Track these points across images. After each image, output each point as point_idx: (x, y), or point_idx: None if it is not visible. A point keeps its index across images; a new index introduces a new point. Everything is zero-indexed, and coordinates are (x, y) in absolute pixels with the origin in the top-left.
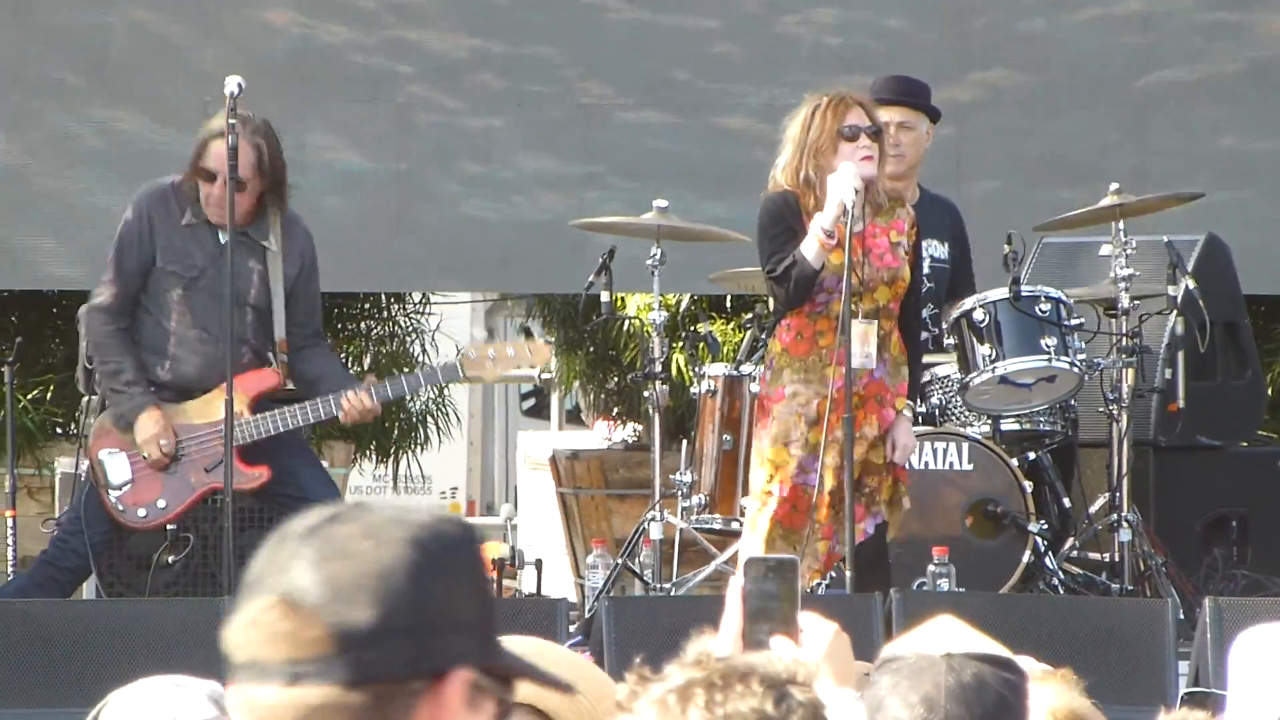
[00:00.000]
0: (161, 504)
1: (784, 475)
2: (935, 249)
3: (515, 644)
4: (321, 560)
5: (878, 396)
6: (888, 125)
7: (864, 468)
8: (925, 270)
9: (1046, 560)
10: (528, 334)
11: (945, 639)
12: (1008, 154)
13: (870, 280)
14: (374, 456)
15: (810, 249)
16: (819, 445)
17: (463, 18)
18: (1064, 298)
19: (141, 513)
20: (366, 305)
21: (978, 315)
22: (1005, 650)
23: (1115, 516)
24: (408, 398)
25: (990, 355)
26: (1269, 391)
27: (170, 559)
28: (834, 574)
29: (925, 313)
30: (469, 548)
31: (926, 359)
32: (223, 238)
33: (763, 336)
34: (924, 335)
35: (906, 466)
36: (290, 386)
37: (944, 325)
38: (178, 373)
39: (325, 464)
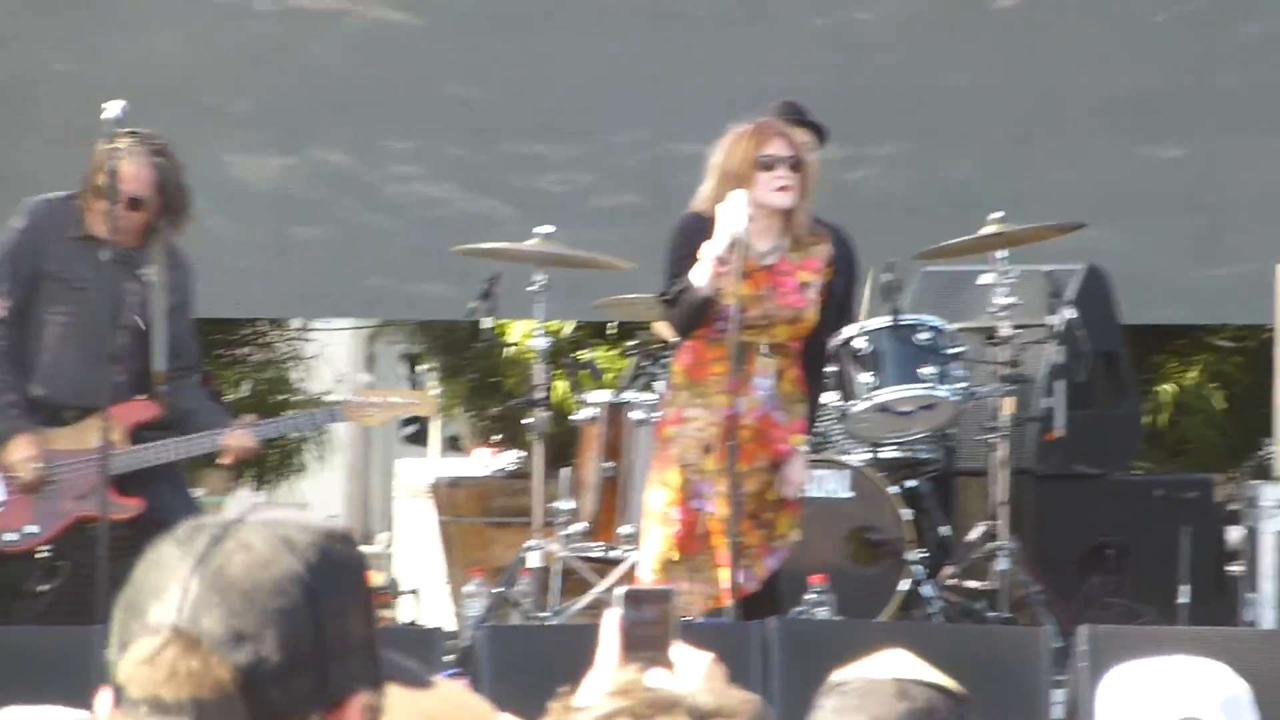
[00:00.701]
0: (31, 529)
1: (679, 498)
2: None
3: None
4: (216, 591)
5: (768, 432)
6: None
7: (760, 503)
8: None
9: (925, 588)
10: (410, 364)
11: (894, 668)
12: (890, 184)
13: (771, 316)
14: (252, 483)
15: (701, 276)
16: (713, 472)
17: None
18: (944, 326)
19: (10, 536)
20: (246, 331)
21: (858, 343)
22: (955, 684)
23: (993, 545)
24: (287, 437)
25: (870, 383)
26: (1146, 421)
27: (41, 587)
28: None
29: None
30: (358, 563)
31: None
32: (104, 255)
33: (646, 364)
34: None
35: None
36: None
37: None
38: (53, 389)
39: (203, 491)
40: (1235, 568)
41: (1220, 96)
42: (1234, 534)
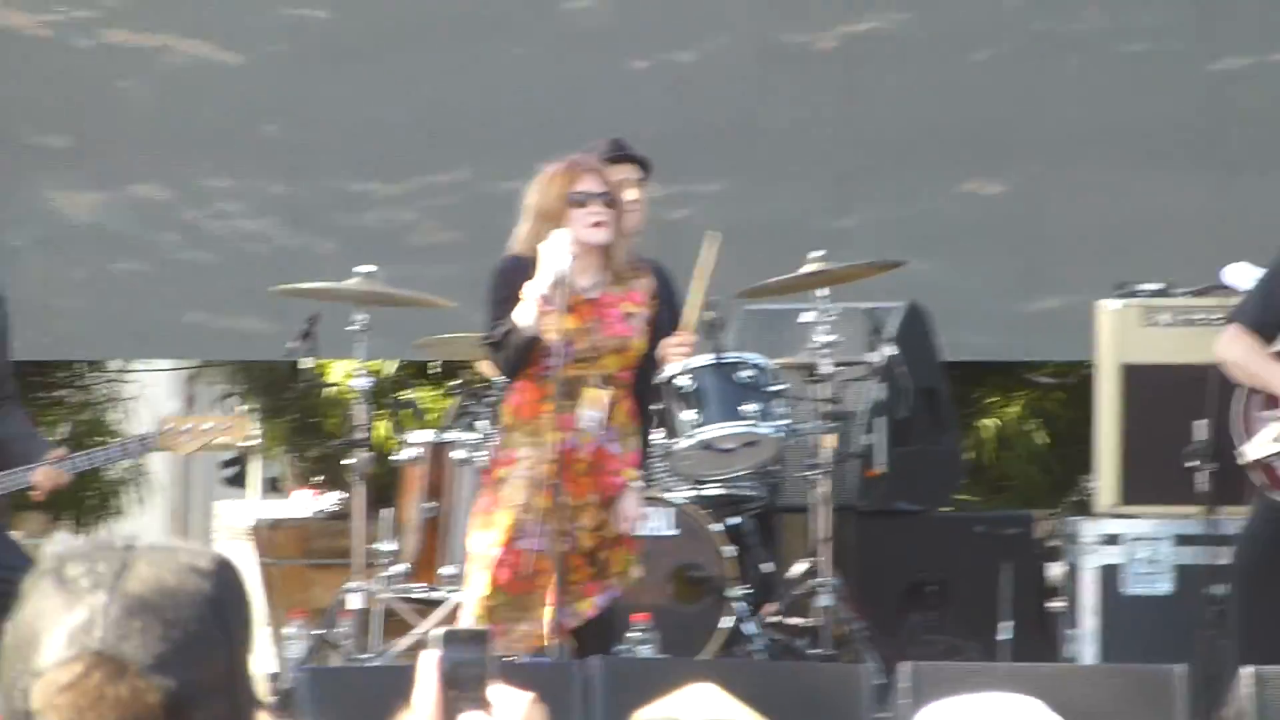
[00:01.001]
0: None
1: (507, 539)
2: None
3: None
4: (135, 615)
5: (602, 465)
6: (625, 181)
7: (597, 540)
8: None
9: (747, 626)
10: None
11: (701, 705)
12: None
13: (599, 348)
14: (71, 525)
15: (526, 316)
16: (544, 510)
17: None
18: (766, 364)
19: None
20: (63, 374)
21: (681, 381)
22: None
23: (815, 581)
24: (102, 470)
25: (693, 421)
26: (968, 457)
27: None
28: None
29: None
30: (244, 585)
31: None
32: None
33: (468, 403)
34: None
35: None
36: None
37: None
38: None
39: (20, 534)
40: (1056, 604)
41: (1039, 133)
42: (1054, 570)
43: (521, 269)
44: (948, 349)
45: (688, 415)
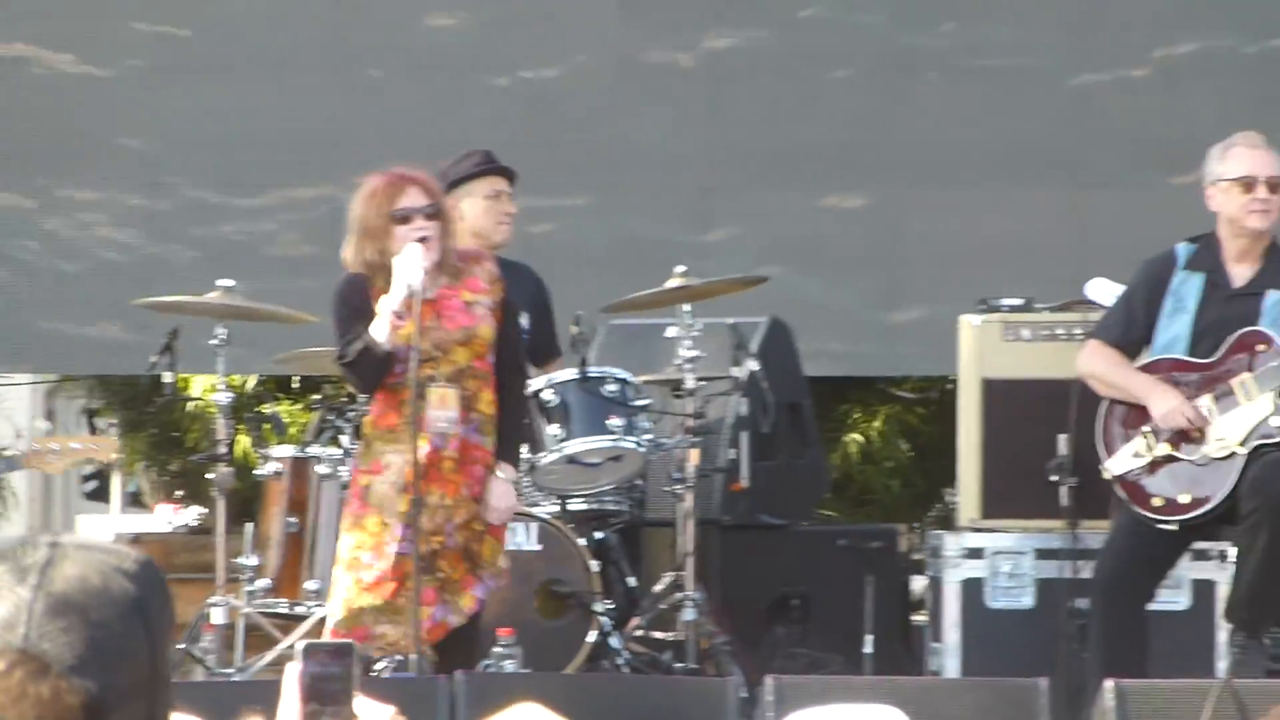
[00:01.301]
0: None
1: (377, 544)
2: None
3: None
4: (59, 614)
5: (470, 457)
6: (501, 194)
7: (469, 533)
8: None
9: (612, 640)
10: (90, 417)
11: None
12: (576, 237)
13: (444, 342)
14: None
15: (380, 332)
16: (407, 515)
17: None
18: (631, 379)
19: None
20: None
21: (546, 395)
22: None
23: (680, 595)
24: None
25: (558, 435)
26: (831, 472)
27: None
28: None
29: None
30: (166, 587)
31: None
32: None
33: (330, 417)
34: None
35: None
36: None
37: None
38: None
39: None
40: (918, 617)
41: (900, 149)
42: (917, 584)
43: (360, 285)
44: (811, 364)
45: (553, 430)
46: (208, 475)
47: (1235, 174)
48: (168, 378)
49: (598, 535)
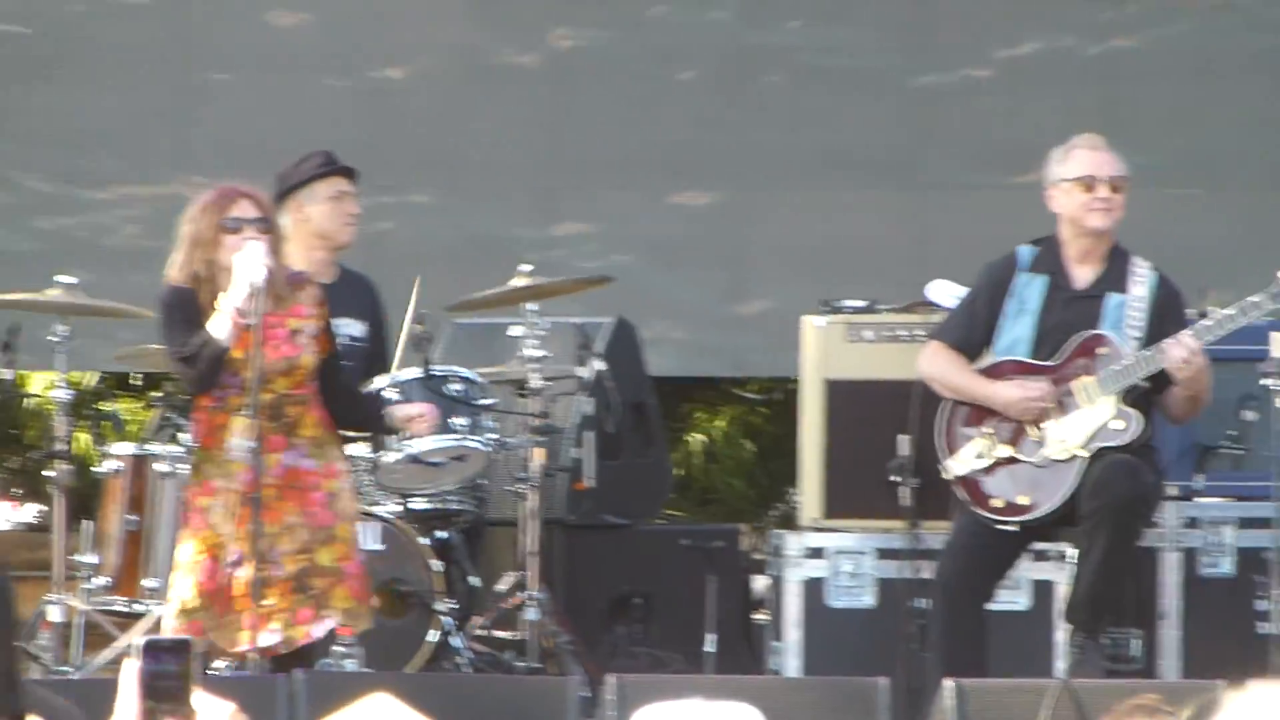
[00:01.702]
0: None
1: (209, 560)
2: (352, 327)
3: None
4: None
5: (295, 484)
6: (345, 194)
7: (308, 565)
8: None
9: (454, 639)
10: None
11: (379, 716)
12: (420, 235)
13: (266, 372)
14: None
15: (222, 329)
16: (237, 538)
17: None
18: (475, 378)
19: None
20: None
21: (390, 395)
22: None
23: (522, 595)
24: None
25: (402, 434)
26: (675, 471)
27: None
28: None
29: None
30: (10, 587)
31: None
32: None
33: (171, 415)
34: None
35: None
36: None
37: None
38: None
39: None
40: (761, 616)
41: (745, 149)
42: (760, 583)
43: (185, 296)
44: (654, 364)
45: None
46: (46, 472)
47: (1075, 174)
48: (6, 374)
49: (440, 535)
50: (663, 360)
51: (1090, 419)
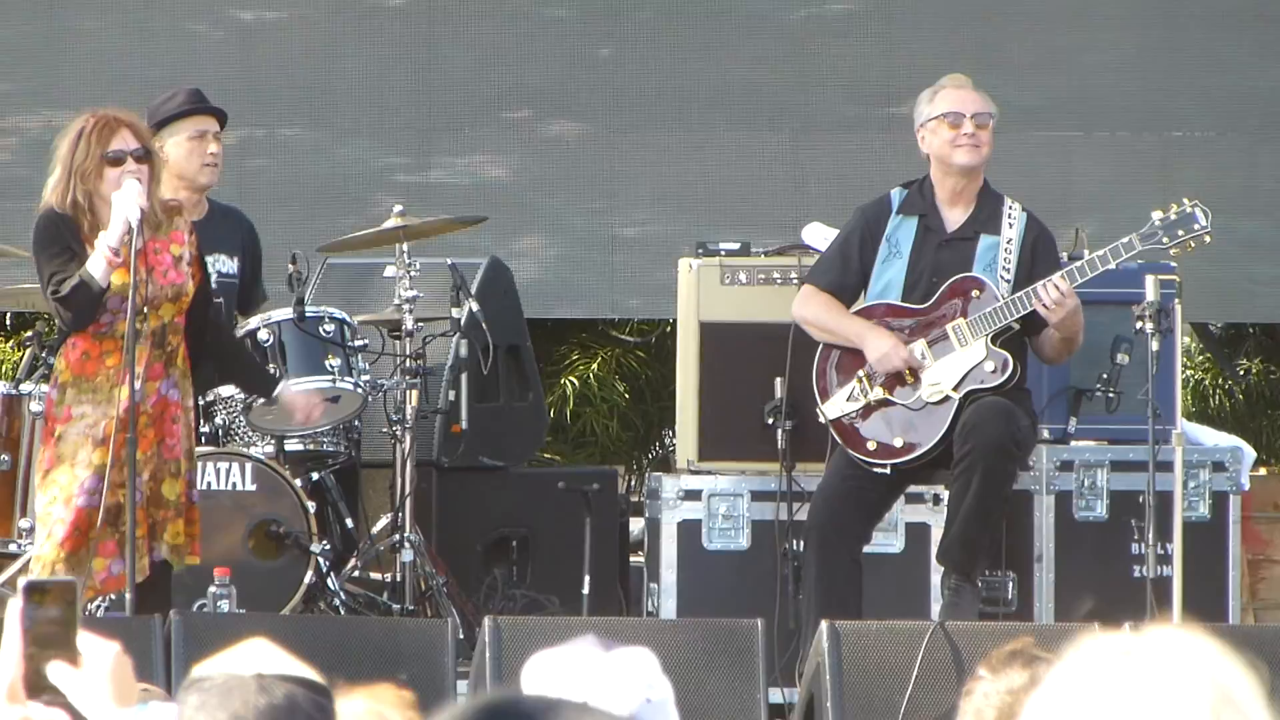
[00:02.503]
0: None
1: (67, 497)
2: (224, 263)
3: None
4: None
5: (162, 413)
6: (207, 134)
7: (152, 498)
8: (213, 285)
9: (329, 581)
10: None
11: (256, 660)
12: (293, 175)
13: (154, 298)
14: None
15: (98, 268)
16: (104, 466)
17: None
18: (348, 319)
19: None
20: None
21: (262, 335)
22: (317, 674)
23: (398, 537)
24: None
25: (275, 375)
26: (550, 414)
27: None
28: (114, 597)
29: None
30: None
31: None
32: None
33: (43, 355)
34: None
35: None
36: None
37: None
38: None
39: None
40: (637, 558)
41: (617, 92)
42: (636, 525)
43: (65, 221)
44: (529, 306)
45: (270, 370)
46: None
47: (941, 111)
48: None
49: (314, 476)
50: (537, 301)
51: (962, 361)
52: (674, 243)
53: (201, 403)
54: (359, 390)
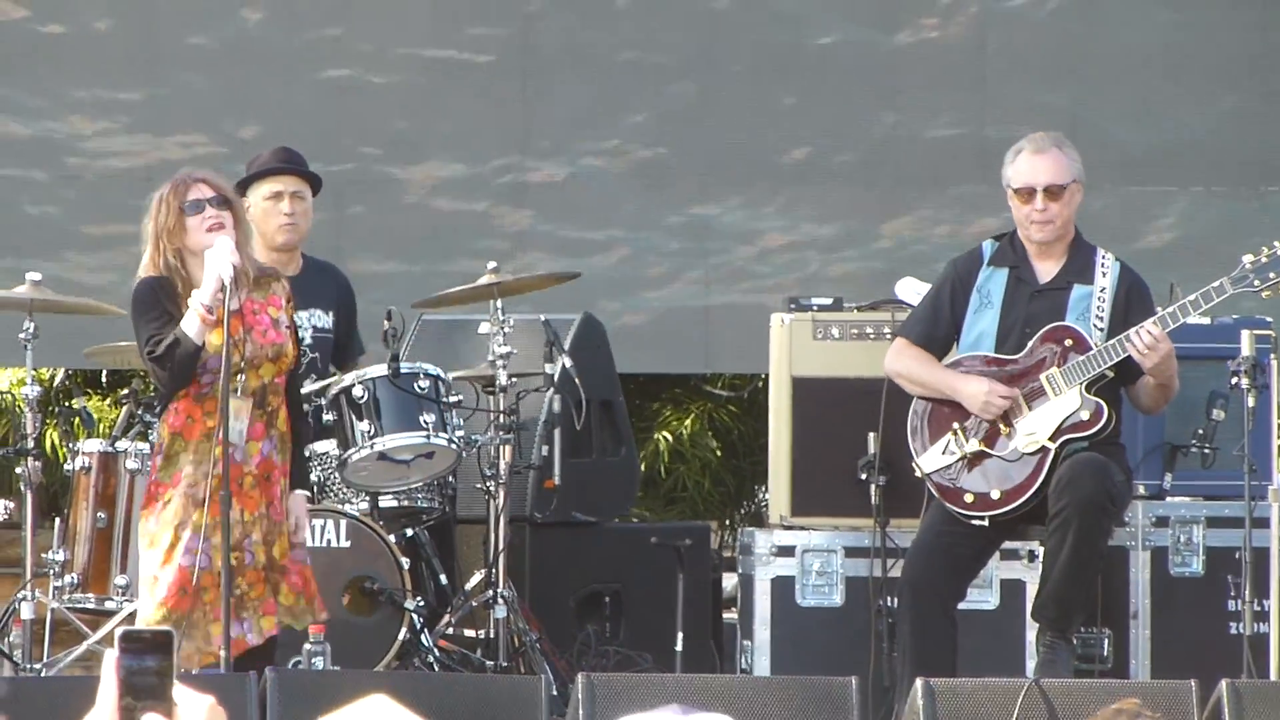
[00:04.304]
0: None
1: (169, 557)
2: (319, 318)
3: None
4: None
5: (267, 475)
6: (283, 195)
7: (269, 557)
8: (308, 341)
9: (423, 637)
10: None
11: (375, 716)
12: (385, 231)
13: (254, 357)
14: None
15: (191, 327)
16: (204, 525)
17: None
18: (442, 375)
19: None
20: None
21: (357, 391)
22: None
23: (491, 593)
24: None
25: (369, 431)
26: (642, 469)
27: None
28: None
29: (311, 385)
30: None
31: None
32: None
33: (139, 412)
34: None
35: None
36: None
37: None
38: None
39: None
40: (730, 615)
41: (700, 137)
42: (729, 581)
43: (162, 286)
44: (622, 361)
45: (363, 426)
46: (16, 469)
47: (1015, 184)
48: None
49: (408, 532)
50: (630, 357)
51: (1057, 410)
52: (768, 296)
53: None
54: (453, 446)
